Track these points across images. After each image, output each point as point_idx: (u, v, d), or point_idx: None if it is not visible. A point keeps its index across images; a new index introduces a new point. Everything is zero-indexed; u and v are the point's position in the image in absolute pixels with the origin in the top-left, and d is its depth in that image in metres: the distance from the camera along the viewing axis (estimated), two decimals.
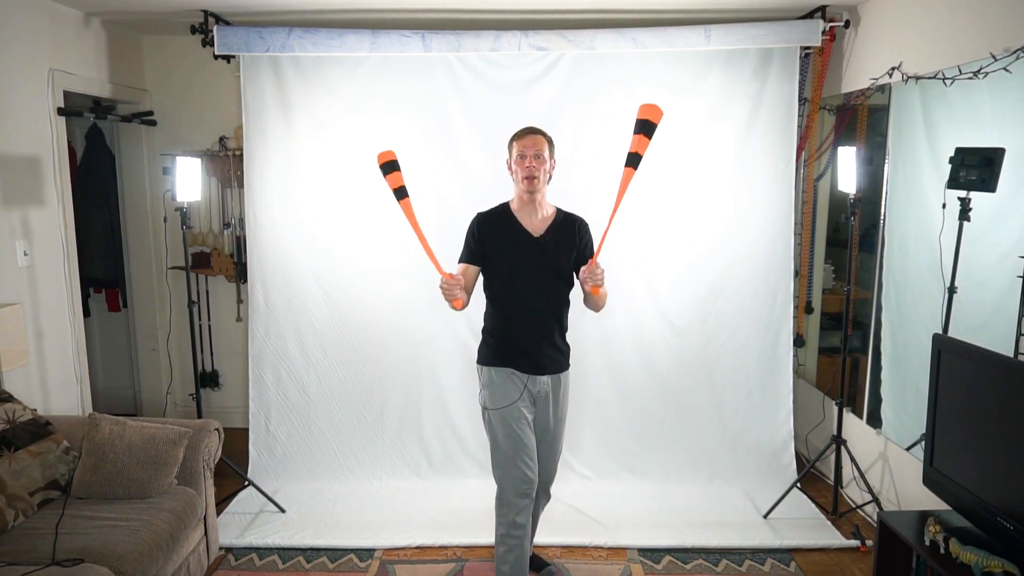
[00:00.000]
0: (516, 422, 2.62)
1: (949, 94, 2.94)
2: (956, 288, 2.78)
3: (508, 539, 2.65)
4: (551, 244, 2.69)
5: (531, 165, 2.62)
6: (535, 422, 2.72)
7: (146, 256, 4.54)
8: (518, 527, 2.64)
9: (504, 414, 2.63)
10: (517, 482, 2.62)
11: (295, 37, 3.70)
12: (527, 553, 2.72)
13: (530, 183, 2.63)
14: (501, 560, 2.68)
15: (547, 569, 3.07)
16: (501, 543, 2.68)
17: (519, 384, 2.66)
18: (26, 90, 3.38)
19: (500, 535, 2.68)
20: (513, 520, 2.64)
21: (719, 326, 3.94)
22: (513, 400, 2.63)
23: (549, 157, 2.68)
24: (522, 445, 2.62)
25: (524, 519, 2.65)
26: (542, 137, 2.67)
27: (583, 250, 2.73)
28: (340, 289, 3.96)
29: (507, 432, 2.63)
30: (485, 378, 2.72)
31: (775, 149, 3.84)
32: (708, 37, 3.70)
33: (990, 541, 2.23)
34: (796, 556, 3.20)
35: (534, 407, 2.71)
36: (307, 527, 3.44)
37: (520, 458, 2.62)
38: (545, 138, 2.68)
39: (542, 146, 2.65)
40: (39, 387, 3.40)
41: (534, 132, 2.68)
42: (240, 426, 4.29)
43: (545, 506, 2.98)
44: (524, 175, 2.64)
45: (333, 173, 3.90)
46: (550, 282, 2.68)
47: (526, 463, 2.62)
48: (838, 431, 3.53)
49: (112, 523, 2.61)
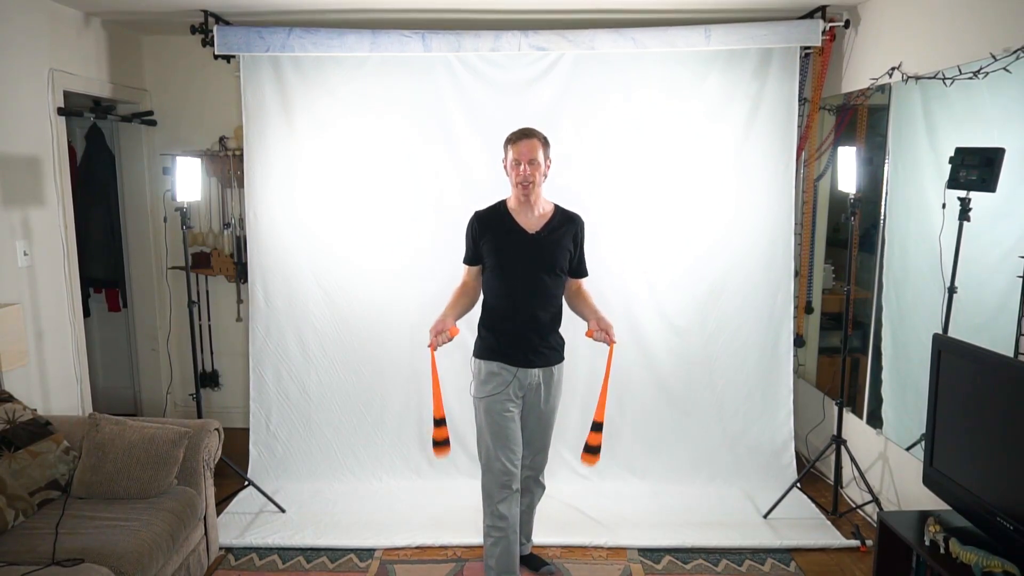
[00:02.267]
0: (499, 415, 2.69)
1: (949, 94, 2.94)
2: (956, 288, 2.78)
3: (494, 531, 2.72)
4: (545, 240, 2.73)
5: (526, 172, 2.65)
6: (526, 410, 2.79)
7: (146, 256, 4.54)
8: (502, 518, 2.70)
9: (488, 404, 2.70)
10: (498, 474, 2.69)
11: (295, 37, 3.70)
12: (514, 546, 2.75)
13: (525, 189, 2.68)
14: (488, 554, 2.73)
15: (546, 568, 3.07)
16: (487, 536, 2.73)
17: (507, 377, 2.71)
18: (26, 90, 3.38)
19: (486, 527, 2.74)
20: (496, 510, 2.70)
21: (719, 326, 3.94)
22: (497, 391, 2.70)
23: (544, 159, 2.71)
24: (504, 437, 2.68)
25: (507, 510, 2.70)
26: (536, 140, 2.68)
27: (579, 247, 2.81)
28: (340, 289, 3.96)
29: (491, 423, 2.70)
30: (475, 369, 2.81)
31: (775, 149, 3.84)
32: (708, 37, 3.70)
33: (990, 541, 2.23)
34: (796, 556, 3.20)
35: (523, 399, 2.76)
36: (307, 527, 3.44)
37: (502, 450, 2.68)
38: (540, 140, 2.69)
39: (536, 151, 2.67)
40: (39, 387, 3.40)
41: (529, 136, 2.69)
42: (240, 426, 4.30)
43: (540, 496, 3.01)
44: (518, 181, 2.68)
45: (333, 173, 3.90)
46: (543, 278, 2.72)
47: (507, 456, 2.69)
48: (838, 431, 3.53)
49: (112, 523, 2.61)
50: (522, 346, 2.72)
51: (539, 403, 2.79)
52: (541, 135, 2.71)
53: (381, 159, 3.89)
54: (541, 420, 2.83)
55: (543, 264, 2.71)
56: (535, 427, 2.83)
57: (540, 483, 2.97)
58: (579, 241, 2.82)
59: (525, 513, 2.99)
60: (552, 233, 2.74)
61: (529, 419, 2.81)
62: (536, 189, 2.70)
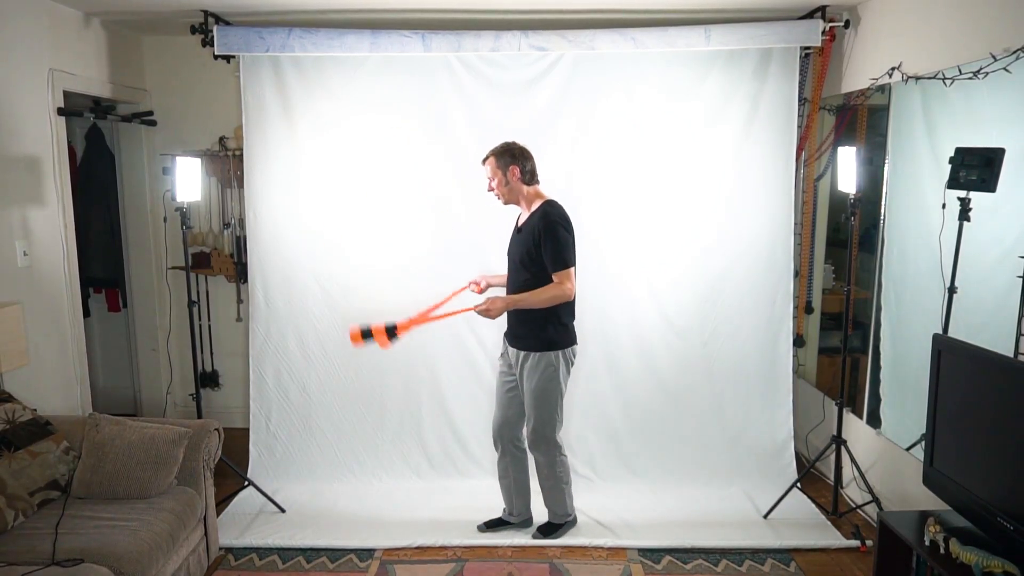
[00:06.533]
0: (498, 379, 3.32)
1: (949, 94, 2.94)
2: (956, 288, 2.78)
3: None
4: (521, 236, 3.11)
5: (491, 190, 3.14)
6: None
7: (146, 256, 4.54)
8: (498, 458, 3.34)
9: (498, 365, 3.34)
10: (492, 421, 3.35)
11: (295, 37, 3.70)
12: (506, 481, 3.35)
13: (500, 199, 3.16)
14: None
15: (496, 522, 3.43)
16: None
17: (504, 349, 3.28)
18: (26, 90, 3.38)
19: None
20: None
21: (719, 326, 3.94)
22: (500, 360, 3.33)
23: (496, 172, 3.07)
24: (496, 395, 3.33)
25: (499, 453, 3.33)
26: (487, 161, 3.10)
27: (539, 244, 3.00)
28: (340, 289, 3.95)
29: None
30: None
31: (775, 149, 3.84)
32: (708, 37, 3.70)
33: (990, 541, 2.23)
34: (796, 556, 3.20)
35: (512, 371, 3.23)
36: (307, 527, 3.44)
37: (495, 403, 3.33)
38: (492, 156, 3.08)
39: (489, 170, 3.10)
40: (39, 387, 3.40)
41: (484, 159, 3.11)
42: (240, 426, 4.29)
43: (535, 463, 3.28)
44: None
45: (333, 173, 3.90)
46: (516, 269, 3.13)
47: (495, 410, 3.33)
48: (838, 431, 3.53)
49: (112, 523, 2.61)
50: (508, 326, 3.22)
51: (521, 384, 3.18)
52: (492, 151, 3.09)
53: (381, 159, 3.89)
54: (526, 396, 3.17)
55: (514, 256, 3.15)
56: (524, 399, 3.19)
57: (533, 451, 3.25)
58: (539, 237, 2.99)
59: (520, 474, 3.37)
60: (526, 228, 3.08)
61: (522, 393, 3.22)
62: (507, 198, 3.13)
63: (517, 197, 3.11)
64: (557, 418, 3.17)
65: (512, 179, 3.06)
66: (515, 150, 3.07)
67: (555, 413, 3.16)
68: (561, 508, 3.34)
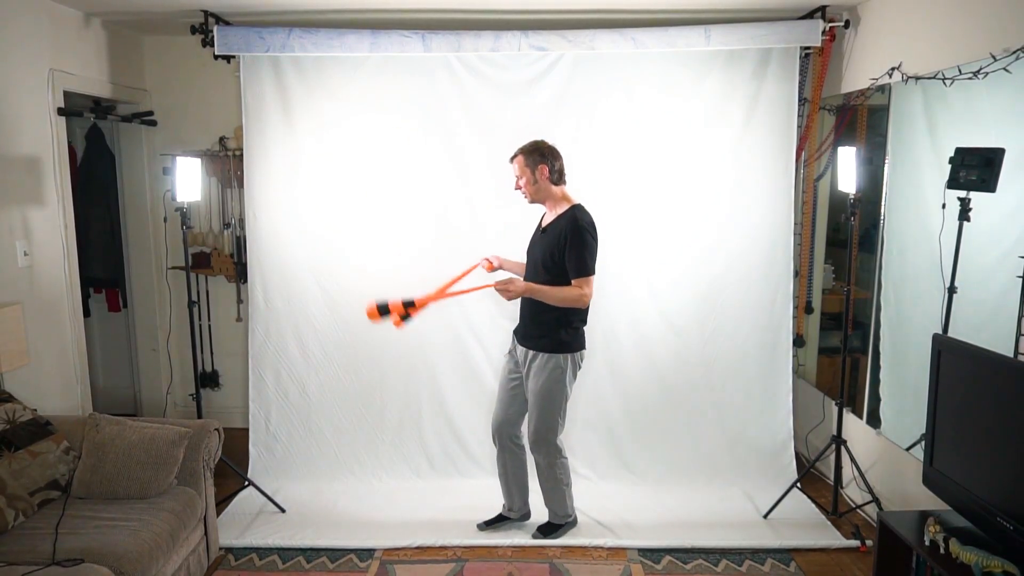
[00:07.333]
0: (502, 375, 3.31)
1: (949, 94, 2.94)
2: (956, 288, 2.78)
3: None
4: (545, 237, 3.08)
5: (519, 188, 3.11)
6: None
7: (146, 256, 4.54)
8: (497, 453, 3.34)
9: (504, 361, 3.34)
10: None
11: (295, 37, 3.70)
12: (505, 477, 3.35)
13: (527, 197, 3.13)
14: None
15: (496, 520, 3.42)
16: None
17: (511, 346, 3.28)
18: (26, 90, 3.38)
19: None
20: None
21: (719, 326, 3.94)
22: (506, 355, 3.33)
23: (524, 171, 3.05)
24: (498, 391, 3.33)
25: (497, 449, 3.32)
26: (516, 159, 3.08)
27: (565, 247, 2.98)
28: (340, 289, 3.95)
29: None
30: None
31: (775, 149, 3.84)
32: (708, 37, 3.70)
33: (990, 541, 2.23)
34: (796, 556, 3.20)
35: (519, 370, 3.21)
36: (307, 527, 3.44)
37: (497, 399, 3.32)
38: (521, 154, 3.06)
39: (517, 169, 3.08)
40: (39, 387, 3.40)
41: (513, 158, 3.09)
42: (240, 426, 4.29)
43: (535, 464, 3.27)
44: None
45: (333, 173, 3.90)
46: (537, 269, 3.09)
47: (496, 406, 3.32)
48: (838, 431, 3.53)
49: (112, 523, 2.61)
50: (519, 323, 3.21)
51: (527, 383, 3.16)
52: (521, 149, 3.07)
53: (381, 159, 3.89)
54: (530, 396, 3.15)
55: (535, 255, 3.12)
56: (529, 399, 3.17)
57: (534, 452, 3.23)
58: (564, 242, 2.96)
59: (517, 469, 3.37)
60: (552, 230, 3.04)
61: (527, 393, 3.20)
62: (533, 197, 3.10)
63: (544, 197, 3.09)
64: (560, 421, 3.16)
65: (541, 178, 3.04)
66: (544, 149, 3.05)
67: (558, 415, 3.15)
68: (561, 509, 3.34)
